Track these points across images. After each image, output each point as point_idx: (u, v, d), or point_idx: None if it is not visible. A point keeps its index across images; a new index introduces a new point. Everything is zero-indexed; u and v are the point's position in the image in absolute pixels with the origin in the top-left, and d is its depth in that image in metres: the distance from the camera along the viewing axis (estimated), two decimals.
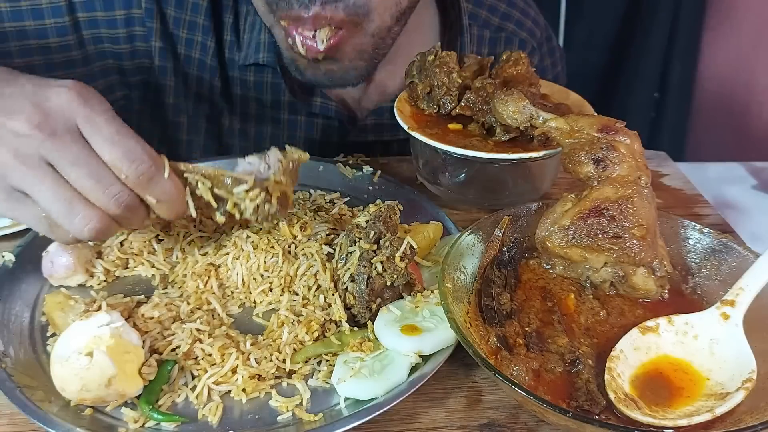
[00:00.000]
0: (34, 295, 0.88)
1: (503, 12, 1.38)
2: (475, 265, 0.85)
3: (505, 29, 1.38)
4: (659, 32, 2.49)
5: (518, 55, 1.09)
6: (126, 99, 1.26)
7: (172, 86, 1.26)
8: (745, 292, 0.77)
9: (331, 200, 1.06)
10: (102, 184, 0.71)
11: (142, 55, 1.22)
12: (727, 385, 0.71)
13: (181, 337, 0.79)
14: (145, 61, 1.22)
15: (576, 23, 2.59)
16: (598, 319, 0.80)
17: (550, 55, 1.49)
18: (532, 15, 1.43)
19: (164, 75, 1.24)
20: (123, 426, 0.71)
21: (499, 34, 1.37)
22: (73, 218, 0.72)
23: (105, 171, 0.72)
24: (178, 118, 1.29)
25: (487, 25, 1.36)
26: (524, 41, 1.40)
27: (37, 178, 0.70)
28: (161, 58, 1.22)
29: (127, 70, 1.23)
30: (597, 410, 0.69)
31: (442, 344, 0.78)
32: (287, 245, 0.89)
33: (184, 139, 1.31)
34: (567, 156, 0.86)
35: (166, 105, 1.27)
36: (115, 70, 1.22)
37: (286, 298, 0.85)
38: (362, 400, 0.74)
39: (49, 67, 1.15)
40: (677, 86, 2.54)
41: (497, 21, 1.37)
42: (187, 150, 1.31)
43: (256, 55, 1.22)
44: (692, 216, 1.11)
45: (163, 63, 1.23)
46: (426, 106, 1.10)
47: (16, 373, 0.75)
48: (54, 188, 0.70)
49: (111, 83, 1.23)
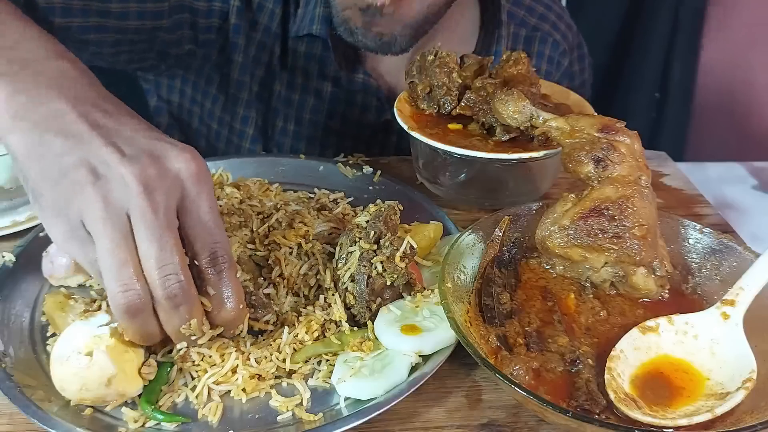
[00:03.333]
0: (34, 295, 0.88)
1: (540, 13, 1.45)
2: (475, 264, 0.85)
3: (540, 29, 1.44)
4: (659, 32, 2.49)
5: (518, 55, 1.09)
6: (190, 54, 1.32)
7: (243, 45, 1.32)
8: (745, 292, 0.77)
9: (335, 199, 1.06)
10: (162, 262, 0.65)
11: (216, 14, 1.29)
12: (728, 384, 0.71)
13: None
14: (215, 21, 1.29)
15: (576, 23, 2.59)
16: (598, 318, 0.80)
17: (579, 62, 1.54)
18: (566, 20, 1.49)
19: (237, 33, 1.31)
20: (123, 426, 0.71)
21: (535, 33, 1.43)
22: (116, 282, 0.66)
23: (174, 255, 0.66)
24: (243, 77, 1.35)
25: (524, 24, 1.43)
26: (557, 42, 1.45)
27: (109, 228, 0.65)
28: (238, 17, 1.30)
29: (200, 27, 1.29)
30: (597, 410, 0.69)
31: (442, 344, 0.77)
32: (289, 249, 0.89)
33: (243, 98, 1.37)
34: (567, 156, 0.86)
35: (235, 62, 1.34)
36: (188, 24, 1.28)
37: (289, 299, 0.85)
38: (362, 399, 0.74)
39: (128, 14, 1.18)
40: (678, 86, 2.54)
41: (534, 21, 1.44)
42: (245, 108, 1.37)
43: (310, 26, 1.29)
44: (692, 216, 1.10)
45: (238, 22, 1.30)
46: (426, 106, 1.10)
47: (16, 373, 0.75)
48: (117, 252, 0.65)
49: (181, 36, 1.29)
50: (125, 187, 0.65)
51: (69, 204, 0.65)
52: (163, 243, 0.65)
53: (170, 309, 0.68)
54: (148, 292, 0.66)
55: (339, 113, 1.37)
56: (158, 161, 0.66)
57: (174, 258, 0.66)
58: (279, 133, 1.40)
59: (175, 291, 0.66)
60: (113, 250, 0.65)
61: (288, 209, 0.95)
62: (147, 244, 0.65)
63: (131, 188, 0.64)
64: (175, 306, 0.67)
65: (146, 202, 0.65)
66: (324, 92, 1.36)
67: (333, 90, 1.35)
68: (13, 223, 1.00)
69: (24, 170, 0.69)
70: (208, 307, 0.71)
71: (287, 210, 0.95)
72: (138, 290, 0.66)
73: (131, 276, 0.65)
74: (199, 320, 0.70)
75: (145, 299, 0.66)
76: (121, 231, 0.65)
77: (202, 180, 0.69)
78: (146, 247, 0.65)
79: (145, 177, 0.65)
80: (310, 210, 0.98)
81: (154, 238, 0.65)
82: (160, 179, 0.66)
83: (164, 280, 0.66)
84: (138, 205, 0.65)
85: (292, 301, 0.85)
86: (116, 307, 0.67)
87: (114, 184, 0.65)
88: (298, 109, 1.37)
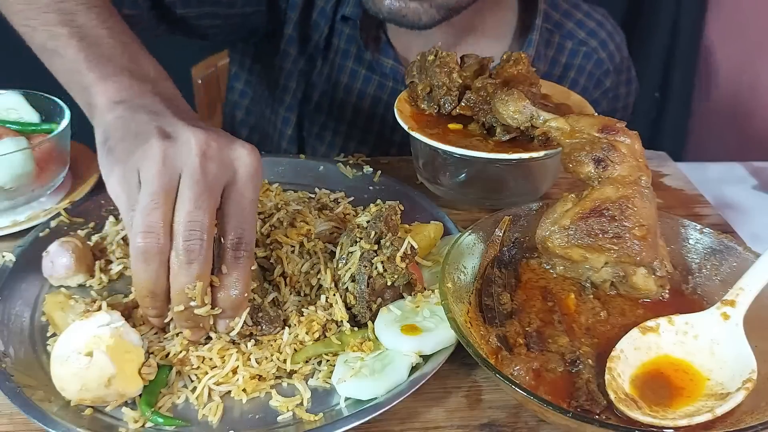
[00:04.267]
0: (34, 295, 0.88)
1: (590, 29, 1.45)
2: (476, 265, 0.85)
3: (587, 44, 1.44)
4: (660, 32, 2.49)
5: (518, 55, 1.09)
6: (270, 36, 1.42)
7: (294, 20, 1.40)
8: (745, 292, 0.77)
9: (336, 199, 1.06)
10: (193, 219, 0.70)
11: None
12: (728, 385, 0.71)
13: (172, 343, 0.79)
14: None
15: None
16: (598, 319, 0.80)
17: (626, 85, 1.54)
18: (617, 41, 1.49)
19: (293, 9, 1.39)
20: (123, 426, 0.71)
21: (580, 48, 1.44)
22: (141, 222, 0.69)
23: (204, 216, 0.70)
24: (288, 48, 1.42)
25: (571, 36, 1.44)
26: (602, 60, 1.45)
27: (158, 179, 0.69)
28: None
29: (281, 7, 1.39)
30: (597, 410, 0.69)
31: (443, 344, 0.78)
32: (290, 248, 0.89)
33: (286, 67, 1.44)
34: (567, 156, 0.86)
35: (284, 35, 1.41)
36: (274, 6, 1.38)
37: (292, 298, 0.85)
38: (362, 399, 0.74)
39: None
40: (678, 86, 2.54)
41: (582, 35, 1.45)
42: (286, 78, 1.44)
43: (344, 9, 1.36)
44: (692, 216, 1.11)
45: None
46: (426, 106, 1.10)
47: (16, 373, 0.75)
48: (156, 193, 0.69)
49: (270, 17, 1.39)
50: (188, 148, 0.70)
51: (133, 153, 0.71)
52: (200, 203, 0.70)
53: (183, 263, 0.71)
54: (167, 244, 0.70)
55: (369, 96, 1.42)
56: (223, 139, 0.73)
57: (204, 218, 0.70)
58: (314, 106, 1.45)
59: (195, 246, 0.70)
60: (152, 196, 0.69)
61: (289, 209, 0.95)
62: (185, 199, 0.70)
63: (192, 150, 0.70)
64: (189, 261, 0.71)
65: (199, 166, 0.70)
66: (358, 75, 1.41)
67: (366, 74, 1.40)
68: (13, 223, 1.00)
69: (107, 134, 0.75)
70: (216, 283, 0.74)
71: (288, 210, 0.95)
72: (159, 236, 0.69)
73: (158, 221, 0.69)
74: (205, 285, 0.72)
75: (162, 248, 0.70)
76: (167, 185, 0.70)
77: (254, 174, 0.74)
78: (183, 201, 0.70)
79: (207, 146, 0.71)
80: (311, 209, 0.98)
81: (192, 196, 0.70)
82: (219, 153, 0.71)
83: (188, 233, 0.70)
84: (192, 165, 0.70)
85: (295, 300, 0.85)
86: (134, 248, 0.70)
87: (178, 144, 0.71)
88: (334, 88, 1.43)
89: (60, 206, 1.03)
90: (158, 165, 0.69)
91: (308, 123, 1.46)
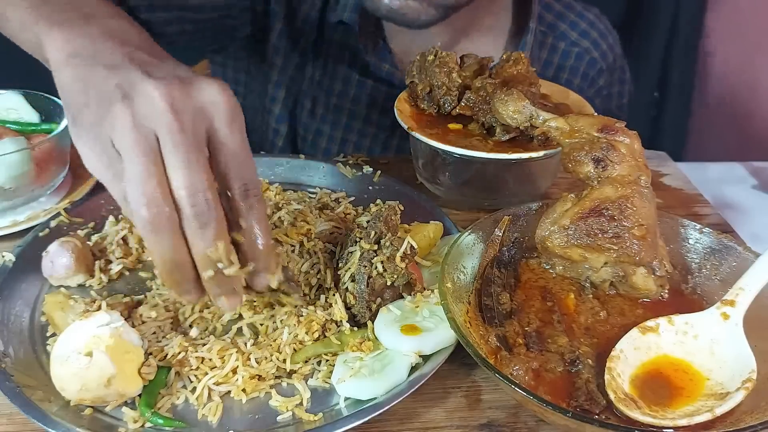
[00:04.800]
0: (34, 295, 0.88)
1: (582, 29, 1.46)
2: (475, 264, 0.85)
3: (579, 45, 1.45)
4: (659, 32, 2.49)
5: (518, 55, 1.09)
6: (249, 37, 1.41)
7: (279, 29, 1.39)
8: (745, 292, 0.77)
9: (337, 199, 1.06)
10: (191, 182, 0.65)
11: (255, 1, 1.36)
12: (727, 385, 0.71)
13: (171, 345, 0.79)
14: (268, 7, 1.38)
15: None
16: (598, 318, 0.80)
17: (620, 84, 1.55)
18: (609, 40, 1.50)
19: (276, 18, 1.38)
20: (123, 426, 0.71)
21: (573, 48, 1.45)
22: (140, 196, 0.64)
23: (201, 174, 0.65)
24: (275, 59, 1.42)
25: (564, 37, 1.45)
26: (595, 60, 1.47)
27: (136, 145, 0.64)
28: (277, 3, 1.37)
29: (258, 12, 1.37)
30: (597, 410, 0.69)
31: (442, 344, 0.78)
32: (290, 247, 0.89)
33: (273, 78, 1.44)
34: (567, 156, 0.86)
35: (269, 45, 1.41)
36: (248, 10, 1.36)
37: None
38: (362, 399, 0.74)
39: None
40: (677, 86, 2.54)
41: (575, 36, 1.45)
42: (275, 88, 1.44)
43: (342, 14, 1.35)
44: (692, 216, 1.11)
45: (275, 7, 1.38)
46: (426, 106, 1.10)
47: (16, 373, 0.75)
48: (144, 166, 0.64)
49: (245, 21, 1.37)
50: (152, 105, 0.65)
51: (101, 122, 0.66)
52: (191, 162, 0.65)
53: (197, 228, 0.66)
54: (173, 211, 0.65)
55: (364, 101, 1.41)
56: (188, 85, 0.66)
57: (201, 176, 0.65)
58: (307, 114, 1.45)
59: (203, 209, 0.65)
60: (140, 166, 0.64)
61: (289, 208, 0.95)
62: (174, 162, 0.65)
63: (157, 107, 0.64)
64: (202, 225, 0.66)
65: (173, 121, 0.64)
66: (352, 80, 1.40)
67: (360, 78, 1.40)
68: (13, 223, 1.00)
69: (68, 99, 0.71)
70: (240, 240, 0.70)
71: (289, 209, 0.95)
72: (163, 205, 0.64)
73: (156, 191, 0.64)
74: (226, 245, 0.67)
75: (170, 216, 0.65)
76: (148, 149, 0.64)
77: (233, 112, 0.68)
78: (173, 165, 0.65)
79: (172, 97, 0.65)
80: (312, 209, 0.98)
81: (181, 157, 0.64)
82: (188, 101, 0.66)
83: (191, 198, 0.65)
84: (165, 124, 0.64)
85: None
86: (140, 222, 0.65)
87: (142, 103, 0.65)
88: (327, 94, 1.42)
89: (60, 206, 1.03)
90: (132, 133, 0.64)
91: (302, 131, 1.45)
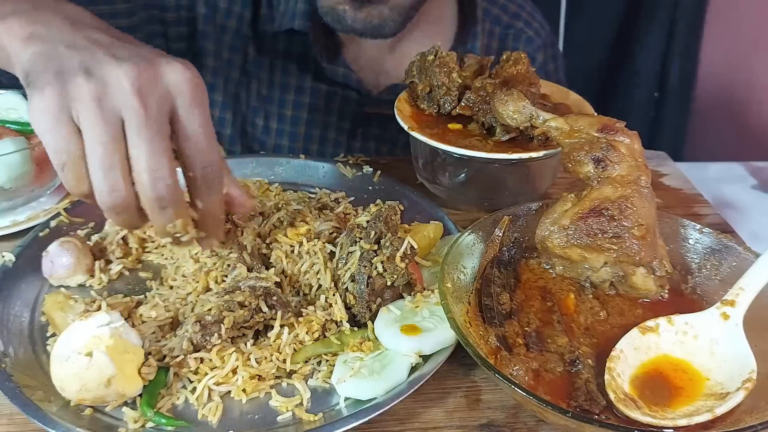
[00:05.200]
0: (34, 295, 0.88)
1: (513, 12, 1.49)
2: (475, 265, 0.85)
3: (514, 26, 1.48)
4: (659, 32, 2.49)
5: (518, 55, 1.09)
6: None
7: (212, 50, 1.36)
8: (745, 292, 0.77)
9: (336, 199, 1.06)
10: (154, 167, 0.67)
11: (184, 23, 1.32)
12: (727, 385, 0.71)
13: (169, 347, 0.79)
14: (184, 29, 1.33)
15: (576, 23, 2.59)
16: (597, 319, 0.80)
17: (553, 60, 1.56)
18: (538, 19, 1.53)
19: (206, 39, 1.35)
20: (123, 426, 0.71)
21: (509, 31, 1.47)
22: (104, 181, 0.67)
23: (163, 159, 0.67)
24: (214, 80, 1.38)
25: (498, 21, 1.47)
26: (531, 38, 1.49)
27: (101, 130, 0.66)
28: (204, 24, 1.33)
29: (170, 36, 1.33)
30: (597, 410, 0.69)
31: (442, 344, 0.78)
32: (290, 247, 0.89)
33: (218, 100, 1.40)
34: (567, 156, 0.86)
35: (205, 67, 1.37)
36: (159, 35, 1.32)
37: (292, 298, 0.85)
38: (362, 400, 0.74)
39: None
40: (677, 86, 2.54)
41: (507, 19, 1.48)
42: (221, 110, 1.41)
43: (291, 22, 1.32)
44: (692, 216, 1.11)
45: (205, 28, 1.34)
46: (426, 106, 1.10)
47: (16, 373, 0.75)
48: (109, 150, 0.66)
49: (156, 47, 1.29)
50: (118, 86, 0.66)
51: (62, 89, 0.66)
52: (154, 147, 0.67)
53: (157, 209, 0.69)
54: (133, 194, 0.68)
55: (320, 107, 1.40)
56: (153, 67, 0.67)
57: (163, 162, 0.67)
58: (261, 131, 1.42)
59: (163, 193, 0.68)
60: (103, 147, 0.66)
61: (289, 209, 0.95)
62: (138, 146, 0.66)
63: (125, 90, 0.66)
64: (162, 207, 0.69)
65: (139, 106, 0.66)
66: (305, 88, 1.39)
67: (314, 85, 1.38)
68: (13, 223, 1.00)
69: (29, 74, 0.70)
70: (194, 216, 0.74)
71: (288, 209, 0.95)
72: (123, 190, 0.67)
73: (118, 177, 0.67)
74: (185, 221, 0.72)
75: (130, 200, 0.68)
76: (113, 130, 0.66)
77: (195, 93, 0.69)
78: (137, 148, 0.66)
79: (140, 80, 0.66)
80: (311, 209, 0.98)
81: (145, 141, 0.66)
82: (154, 83, 0.67)
83: (153, 182, 0.67)
84: (132, 107, 0.66)
85: (295, 300, 0.85)
86: (102, 204, 0.69)
87: (109, 84, 0.66)
88: (280, 107, 1.40)
89: (60, 206, 1.03)
90: (97, 111, 0.65)
91: (258, 148, 1.43)
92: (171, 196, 0.69)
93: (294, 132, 1.42)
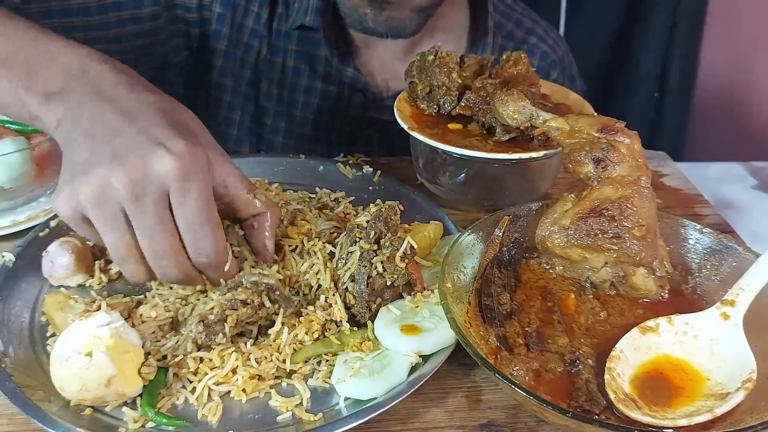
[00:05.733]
0: (34, 295, 0.88)
1: (528, 27, 1.48)
2: (475, 265, 0.85)
3: (527, 42, 1.47)
4: (659, 32, 2.49)
5: (518, 55, 1.09)
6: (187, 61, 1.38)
7: (222, 50, 1.37)
8: (745, 292, 0.77)
9: (336, 199, 1.06)
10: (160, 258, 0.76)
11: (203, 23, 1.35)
12: (727, 385, 0.71)
13: (168, 347, 0.79)
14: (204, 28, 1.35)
15: (576, 23, 2.59)
16: (598, 319, 0.80)
17: (570, 81, 1.55)
18: (553, 36, 1.52)
19: (218, 39, 1.36)
20: (123, 426, 0.71)
21: (522, 46, 1.46)
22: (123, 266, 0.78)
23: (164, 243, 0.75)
24: (223, 80, 1.40)
25: (511, 36, 1.46)
26: (546, 53, 1.48)
27: (107, 226, 0.74)
28: (218, 23, 1.34)
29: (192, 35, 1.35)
30: (597, 410, 0.69)
31: (442, 344, 0.78)
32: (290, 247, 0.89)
33: (226, 100, 1.41)
34: (567, 156, 0.86)
35: (214, 67, 1.38)
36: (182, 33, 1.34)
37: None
38: (362, 400, 0.74)
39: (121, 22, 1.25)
40: (677, 86, 2.54)
41: (521, 34, 1.47)
42: (228, 109, 1.41)
43: (303, 17, 1.32)
44: (692, 216, 1.11)
45: (219, 27, 1.35)
46: (426, 106, 1.10)
47: (16, 373, 0.75)
48: (117, 240, 0.75)
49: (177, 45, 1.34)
50: (115, 188, 0.72)
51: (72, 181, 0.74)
52: (156, 237, 0.75)
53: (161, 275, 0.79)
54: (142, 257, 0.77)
55: (327, 109, 1.40)
56: (144, 163, 0.72)
57: (164, 242, 0.75)
58: (269, 131, 1.42)
59: (166, 269, 0.78)
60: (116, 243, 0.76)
61: (289, 208, 0.95)
62: (141, 238, 0.75)
63: (120, 191, 0.72)
64: (164, 275, 0.79)
65: (135, 207, 0.73)
66: (314, 89, 1.39)
67: (323, 86, 1.38)
68: (13, 223, 1.00)
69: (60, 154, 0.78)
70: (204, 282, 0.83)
71: (288, 209, 0.95)
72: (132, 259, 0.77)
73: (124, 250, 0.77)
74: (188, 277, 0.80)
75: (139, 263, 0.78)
76: (117, 228, 0.75)
77: (186, 179, 0.73)
78: (141, 240, 0.76)
79: (132, 181, 0.71)
80: (312, 209, 0.98)
81: (146, 235, 0.75)
82: (145, 182, 0.72)
83: (155, 260, 0.77)
84: (130, 210, 0.73)
85: (295, 300, 0.85)
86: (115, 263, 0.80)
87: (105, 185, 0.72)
88: (289, 106, 1.40)
89: None
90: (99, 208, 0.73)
91: (265, 148, 1.43)
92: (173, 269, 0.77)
93: (301, 133, 1.42)
